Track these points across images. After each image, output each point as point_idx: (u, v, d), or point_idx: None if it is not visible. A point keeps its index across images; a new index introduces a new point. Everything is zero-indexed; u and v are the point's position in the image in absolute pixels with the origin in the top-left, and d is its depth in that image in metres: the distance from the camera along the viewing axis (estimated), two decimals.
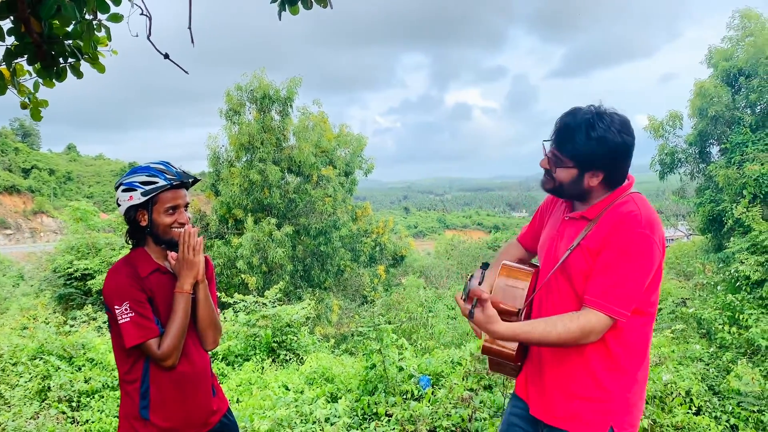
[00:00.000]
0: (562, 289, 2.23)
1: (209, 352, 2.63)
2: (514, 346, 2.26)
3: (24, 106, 3.26)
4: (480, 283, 2.12)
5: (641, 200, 2.19)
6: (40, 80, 3.01)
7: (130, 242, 2.49)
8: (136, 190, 2.37)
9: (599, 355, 2.18)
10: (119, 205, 2.43)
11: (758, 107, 21.44)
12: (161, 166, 2.42)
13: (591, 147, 2.11)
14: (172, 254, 2.47)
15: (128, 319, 2.28)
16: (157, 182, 2.38)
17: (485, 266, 2.15)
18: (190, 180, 2.47)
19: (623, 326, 2.14)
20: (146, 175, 2.39)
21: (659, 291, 2.25)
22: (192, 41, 2.82)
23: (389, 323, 5.78)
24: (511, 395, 2.57)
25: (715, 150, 23.06)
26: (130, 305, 2.29)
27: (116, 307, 2.29)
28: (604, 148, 2.10)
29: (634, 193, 2.22)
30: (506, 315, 2.20)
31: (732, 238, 13.13)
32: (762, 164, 18.39)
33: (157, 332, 2.32)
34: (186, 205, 2.47)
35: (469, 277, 2.11)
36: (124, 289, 2.31)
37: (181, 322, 2.36)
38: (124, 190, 2.40)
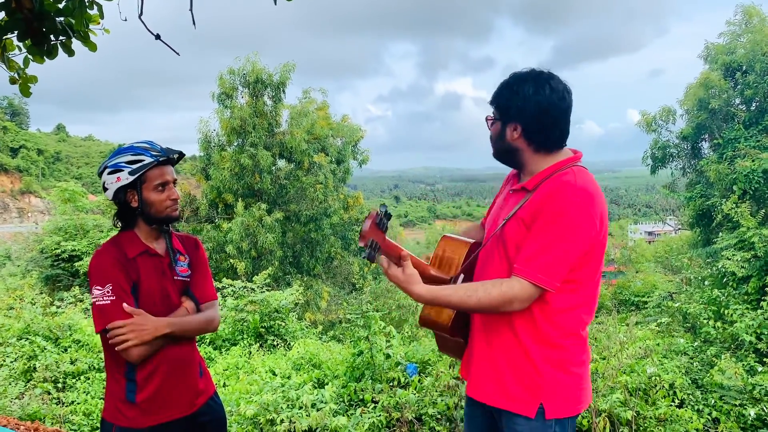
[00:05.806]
0: (499, 258, 2.17)
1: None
2: (449, 314, 2.19)
3: (13, 81, 3.21)
4: (385, 230, 2.02)
5: (582, 172, 2.12)
6: (30, 56, 2.97)
7: (118, 225, 2.42)
8: (123, 170, 2.30)
9: (527, 329, 2.11)
10: (106, 189, 2.35)
11: (753, 104, 21.55)
12: (145, 144, 2.36)
13: (506, 95, 2.19)
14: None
15: (109, 301, 2.21)
16: (143, 160, 2.31)
17: (384, 207, 1.99)
18: (176, 156, 2.42)
19: (551, 301, 2.07)
20: (131, 155, 2.32)
21: (599, 277, 2.17)
22: (193, 23, 2.80)
23: (377, 311, 5.79)
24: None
25: (706, 146, 23.19)
26: (113, 289, 2.22)
27: (98, 288, 2.22)
28: (519, 98, 2.14)
29: (577, 167, 2.15)
30: (439, 283, 2.13)
31: (720, 234, 13.20)
32: (753, 160, 18.51)
33: None
34: (174, 182, 2.42)
35: (370, 215, 1.98)
36: (110, 272, 2.24)
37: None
38: (110, 173, 2.33)
